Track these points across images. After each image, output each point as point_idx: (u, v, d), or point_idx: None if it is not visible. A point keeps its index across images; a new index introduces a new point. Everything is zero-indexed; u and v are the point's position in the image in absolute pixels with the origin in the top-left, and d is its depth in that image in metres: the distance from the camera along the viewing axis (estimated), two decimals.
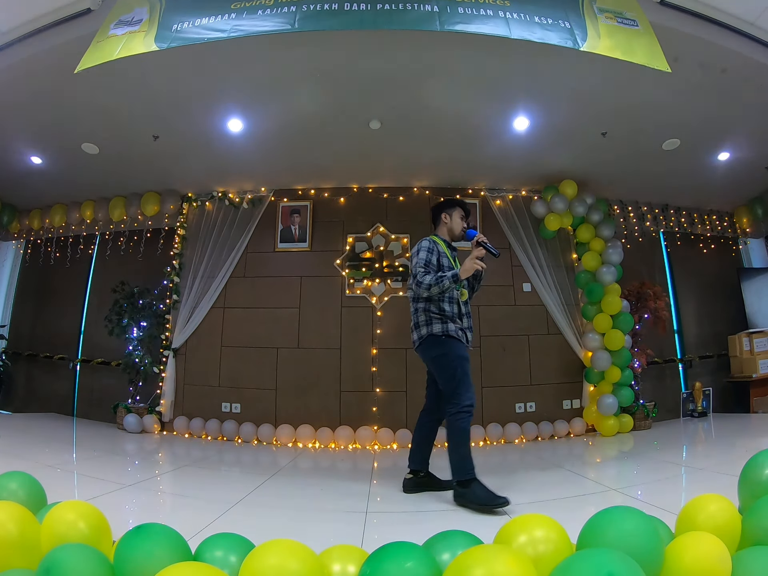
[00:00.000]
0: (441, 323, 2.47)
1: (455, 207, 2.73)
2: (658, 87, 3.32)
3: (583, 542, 1.05)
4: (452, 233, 2.71)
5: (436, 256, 2.52)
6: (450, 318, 2.48)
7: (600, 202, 4.82)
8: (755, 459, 1.32)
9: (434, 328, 2.46)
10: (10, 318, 5.62)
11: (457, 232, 2.70)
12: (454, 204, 2.75)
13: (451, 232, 2.71)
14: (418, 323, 2.53)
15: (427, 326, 2.48)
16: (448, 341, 2.45)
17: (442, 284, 2.36)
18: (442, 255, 2.56)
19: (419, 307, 2.54)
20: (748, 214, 5.37)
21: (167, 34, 2.60)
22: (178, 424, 4.46)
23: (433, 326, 2.47)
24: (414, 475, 2.55)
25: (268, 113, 3.80)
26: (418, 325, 2.53)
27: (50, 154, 4.39)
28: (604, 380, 4.34)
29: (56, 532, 1.10)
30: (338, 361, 4.52)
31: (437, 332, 2.45)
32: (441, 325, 2.46)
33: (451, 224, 2.70)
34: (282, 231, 4.87)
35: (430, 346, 2.48)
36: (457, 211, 2.72)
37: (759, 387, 4.63)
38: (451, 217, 2.70)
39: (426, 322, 2.49)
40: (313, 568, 0.98)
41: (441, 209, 2.74)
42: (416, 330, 2.54)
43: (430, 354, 2.50)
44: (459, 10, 2.53)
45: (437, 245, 2.58)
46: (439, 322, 2.47)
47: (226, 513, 2.03)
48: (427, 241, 2.57)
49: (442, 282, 2.36)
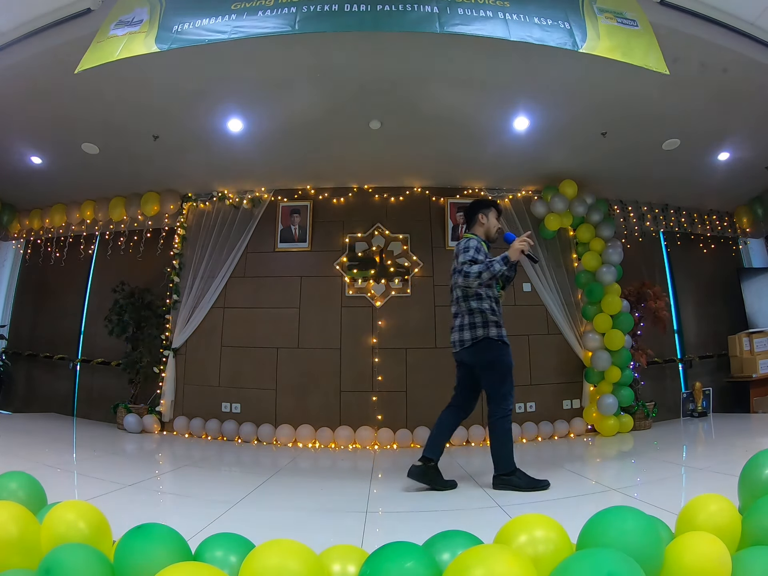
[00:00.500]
0: (496, 327, 2.49)
1: (490, 207, 2.72)
2: (659, 87, 3.32)
3: (583, 542, 1.05)
4: (488, 233, 2.70)
5: (483, 255, 2.51)
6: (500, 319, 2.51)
7: (600, 202, 4.82)
8: (755, 459, 1.32)
9: (491, 332, 2.47)
10: (10, 318, 5.63)
11: (493, 232, 2.70)
12: (488, 204, 2.74)
13: (488, 232, 2.70)
14: (474, 324, 2.50)
15: (483, 328, 2.48)
16: (503, 347, 2.48)
17: (493, 268, 2.35)
18: (487, 256, 2.56)
19: (473, 308, 2.52)
20: (748, 214, 5.37)
21: (168, 35, 2.60)
22: (178, 424, 4.46)
23: (490, 329, 2.47)
24: (424, 463, 2.51)
25: (268, 113, 3.80)
26: (474, 326, 2.50)
27: (50, 154, 4.39)
28: (604, 380, 4.34)
29: (56, 532, 1.09)
30: (338, 361, 4.52)
31: (494, 336, 2.46)
32: (497, 329, 2.48)
33: (487, 224, 2.69)
34: (282, 231, 4.87)
35: (486, 349, 2.47)
36: (492, 211, 2.72)
37: (759, 387, 4.63)
38: (488, 218, 2.70)
39: (483, 324, 2.49)
40: (313, 568, 0.98)
41: (477, 209, 2.73)
42: (470, 330, 2.51)
43: (485, 357, 2.49)
44: (458, 11, 2.53)
45: (482, 245, 2.58)
46: (495, 326, 2.49)
47: (226, 513, 2.03)
48: (475, 240, 2.55)
49: (493, 266, 2.35)
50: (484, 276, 2.35)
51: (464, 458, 3.59)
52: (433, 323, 4.55)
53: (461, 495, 2.44)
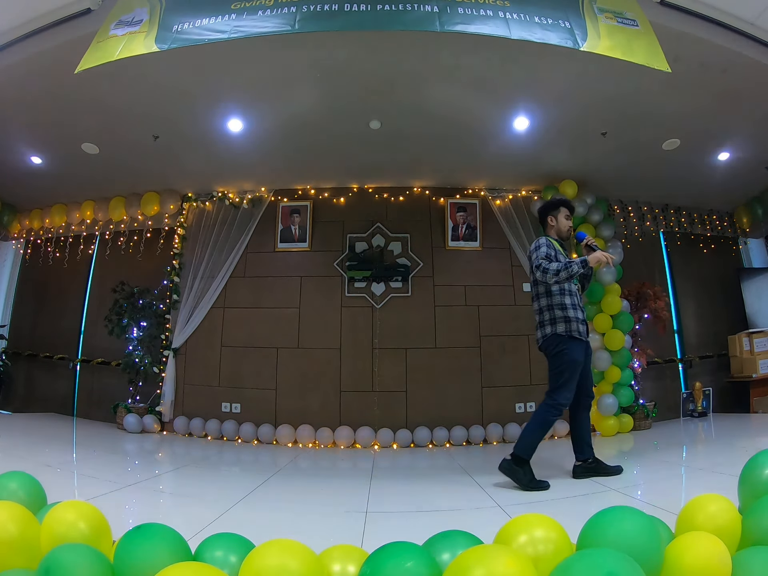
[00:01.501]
0: (565, 322, 2.54)
1: (559, 208, 2.79)
2: (658, 87, 3.32)
3: (583, 542, 1.05)
4: (560, 233, 2.78)
5: (554, 252, 2.60)
6: (573, 310, 2.56)
7: (600, 202, 4.82)
8: (755, 459, 1.32)
9: (558, 328, 2.54)
10: (10, 318, 5.63)
11: (564, 231, 2.77)
12: (557, 205, 2.81)
13: (559, 232, 2.77)
14: (543, 322, 2.61)
15: (551, 326, 2.56)
16: (569, 341, 2.53)
17: (571, 269, 2.43)
18: (558, 252, 2.64)
19: (543, 306, 2.62)
20: (748, 214, 5.36)
21: (168, 35, 2.60)
22: (178, 424, 4.46)
23: (557, 326, 2.55)
24: (582, 462, 2.62)
25: (268, 113, 3.80)
26: (543, 324, 2.61)
27: (50, 154, 4.39)
28: (604, 380, 4.34)
29: (56, 532, 1.09)
30: (338, 361, 4.52)
31: (561, 332, 2.54)
32: (565, 325, 2.54)
33: (558, 225, 2.77)
34: (282, 231, 4.87)
35: (553, 342, 2.56)
36: (562, 211, 2.78)
37: (759, 387, 4.63)
38: (557, 219, 2.77)
39: (551, 321, 2.57)
40: (313, 568, 0.98)
41: (546, 212, 2.81)
42: (540, 328, 2.62)
43: (552, 350, 2.58)
44: (459, 10, 2.53)
45: (553, 243, 2.67)
46: (563, 321, 2.55)
47: (226, 513, 2.03)
48: (544, 239, 2.65)
49: (571, 267, 2.44)
50: (562, 275, 2.45)
51: (464, 458, 3.60)
52: (433, 323, 4.55)
53: (461, 495, 2.45)
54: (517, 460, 2.43)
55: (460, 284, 4.67)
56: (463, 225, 4.84)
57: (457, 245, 4.80)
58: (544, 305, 2.60)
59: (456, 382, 4.39)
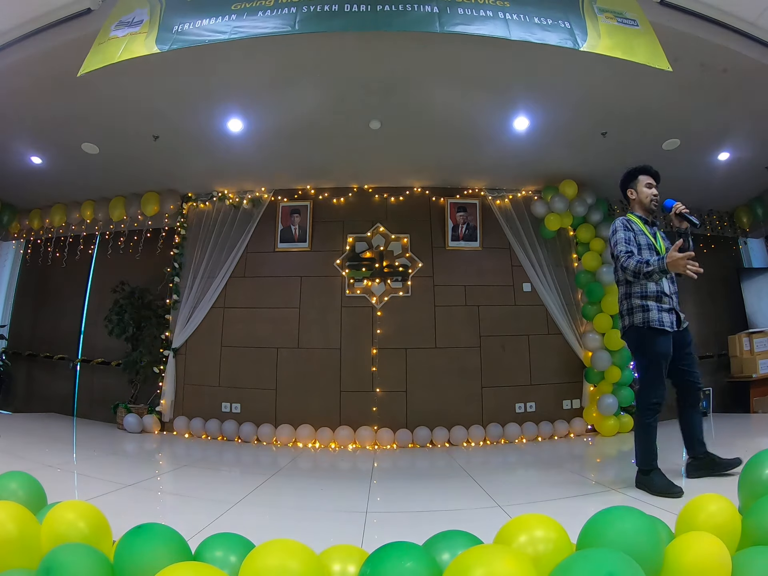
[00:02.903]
0: (642, 312, 2.33)
1: (636, 177, 2.55)
2: (658, 87, 3.32)
3: (583, 542, 1.05)
4: (644, 206, 2.52)
5: (632, 234, 2.39)
6: (655, 299, 2.33)
7: (600, 202, 4.82)
8: (755, 459, 1.32)
9: (635, 319, 2.34)
10: (10, 318, 5.63)
11: (648, 203, 2.51)
12: (635, 174, 2.57)
13: (642, 204, 2.52)
14: (622, 312, 2.44)
15: (629, 316, 2.38)
16: (648, 334, 2.30)
17: (647, 270, 2.22)
18: (638, 233, 2.41)
19: (621, 295, 2.44)
20: (748, 214, 5.36)
21: (168, 35, 2.60)
22: (178, 424, 4.46)
23: (635, 316, 2.35)
24: (695, 459, 2.45)
25: (268, 113, 3.80)
26: (622, 315, 2.44)
27: (50, 154, 4.39)
28: (604, 380, 4.34)
29: (56, 532, 1.10)
30: (338, 361, 4.52)
31: (638, 323, 2.33)
32: (642, 315, 2.32)
33: (638, 197, 2.53)
34: (282, 231, 4.87)
35: (631, 338, 2.40)
36: (641, 180, 2.54)
37: (759, 387, 4.63)
38: (636, 190, 2.54)
39: (628, 311, 2.39)
40: (313, 568, 0.98)
41: (624, 186, 2.59)
42: (621, 319, 2.46)
43: (631, 346, 2.44)
44: (459, 11, 2.53)
45: (632, 222, 2.45)
46: (641, 311, 2.33)
47: (226, 513, 2.03)
48: (619, 220, 2.43)
49: (649, 270, 2.22)
50: (641, 277, 2.26)
51: (464, 458, 3.60)
52: (433, 323, 4.55)
53: (461, 495, 2.45)
54: (643, 471, 2.32)
55: (460, 284, 4.68)
56: (463, 225, 4.84)
57: (457, 245, 4.80)
58: (623, 294, 2.41)
59: (456, 382, 4.39)
